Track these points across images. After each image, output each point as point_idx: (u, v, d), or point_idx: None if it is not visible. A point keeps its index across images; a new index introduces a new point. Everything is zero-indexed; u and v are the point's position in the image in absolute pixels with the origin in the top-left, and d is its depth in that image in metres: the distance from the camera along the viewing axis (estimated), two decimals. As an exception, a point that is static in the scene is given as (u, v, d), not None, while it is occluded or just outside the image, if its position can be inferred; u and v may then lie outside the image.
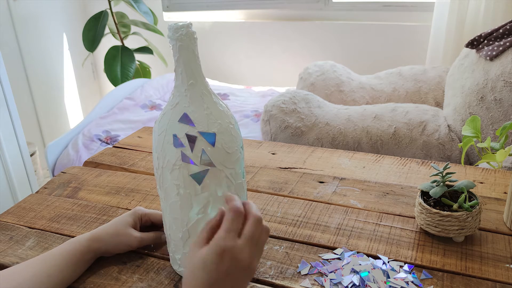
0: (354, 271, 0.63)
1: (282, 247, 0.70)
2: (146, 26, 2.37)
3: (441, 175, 0.70)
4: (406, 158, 0.99)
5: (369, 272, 0.62)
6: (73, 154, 1.72)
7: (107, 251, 0.68)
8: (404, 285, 0.60)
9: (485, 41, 1.29)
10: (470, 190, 0.72)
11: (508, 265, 0.64)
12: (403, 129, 1.32)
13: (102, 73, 2.90)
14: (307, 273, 0.64)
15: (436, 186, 0.70)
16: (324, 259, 0.66)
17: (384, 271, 0.62)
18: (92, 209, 0.83)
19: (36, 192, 0.91)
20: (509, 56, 1.18)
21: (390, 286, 0.60)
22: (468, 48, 1.37)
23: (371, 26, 2.25)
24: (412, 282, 0.61)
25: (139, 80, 2.31)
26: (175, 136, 0.56)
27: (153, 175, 0.96)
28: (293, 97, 1.44)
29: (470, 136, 0.72)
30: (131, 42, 2.60)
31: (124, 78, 2.32)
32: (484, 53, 1.25)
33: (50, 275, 0.62)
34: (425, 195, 0.72)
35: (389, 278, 0.61)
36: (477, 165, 0.94)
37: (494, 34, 1.27)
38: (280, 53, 2.49)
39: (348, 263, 0.65)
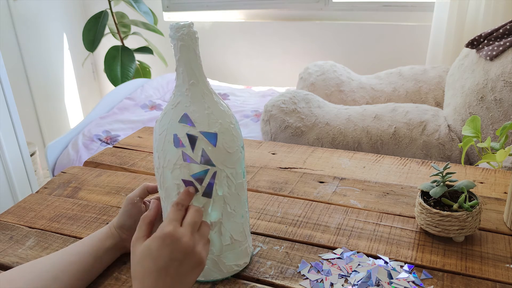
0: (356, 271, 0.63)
1: (282, 247, 0.70)
2: (146, 26, 2.37)
3: (441, 175, 0.71)
4: (406, 158, 0.99)
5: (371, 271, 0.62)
6: (73, 154, 1.72)
7: (125, 225, 0.65)
8: (408, 285, 0.60)
9: (485, 41, 1.29)
10: (470, 190, 0.72)
11: (508, 265, 0.64)
12: (403, 129, 1.32)
13: (102, 73, 2.90)
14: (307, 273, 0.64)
15: (436, 186, 0.70)
16: (324, 259, 0.66)
17: (387, 271, 0.62)
18: (92, 209, 0.83)
19: (36, 192, 0.91)
20: (509, 56, 1.18)
21: (394, 286, 0.60)
22: (468, 48, 1.37)
23: (371, 26, 2.26)
24: (413, 282, 0.61)
25: (139, 80, 2.31)
26: (175, 136, 0.56)
27: (154, 175, 0.96)
28: (293, 97, 1.44)
29: (470, 136, 0.72)
30: (131, 42, 2.61)
31: (124, 78, 2.32)
32: (484, 53, 1.25)
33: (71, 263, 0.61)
34: (425, 195, 0.72)
35: (391, 278, 0.61)
36: (477, 165, 0.94)
37: (494, 34, 1.27)
38: (280, 53, 2.49)
39: (351, 261, 0.65)
